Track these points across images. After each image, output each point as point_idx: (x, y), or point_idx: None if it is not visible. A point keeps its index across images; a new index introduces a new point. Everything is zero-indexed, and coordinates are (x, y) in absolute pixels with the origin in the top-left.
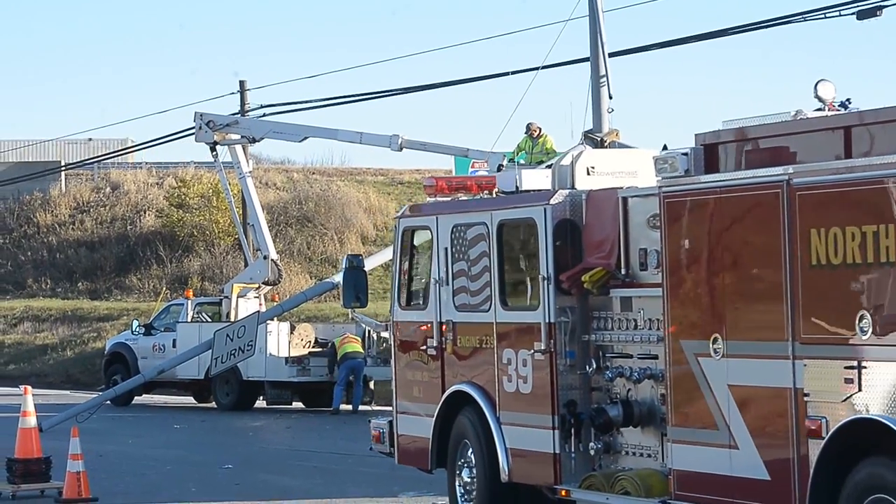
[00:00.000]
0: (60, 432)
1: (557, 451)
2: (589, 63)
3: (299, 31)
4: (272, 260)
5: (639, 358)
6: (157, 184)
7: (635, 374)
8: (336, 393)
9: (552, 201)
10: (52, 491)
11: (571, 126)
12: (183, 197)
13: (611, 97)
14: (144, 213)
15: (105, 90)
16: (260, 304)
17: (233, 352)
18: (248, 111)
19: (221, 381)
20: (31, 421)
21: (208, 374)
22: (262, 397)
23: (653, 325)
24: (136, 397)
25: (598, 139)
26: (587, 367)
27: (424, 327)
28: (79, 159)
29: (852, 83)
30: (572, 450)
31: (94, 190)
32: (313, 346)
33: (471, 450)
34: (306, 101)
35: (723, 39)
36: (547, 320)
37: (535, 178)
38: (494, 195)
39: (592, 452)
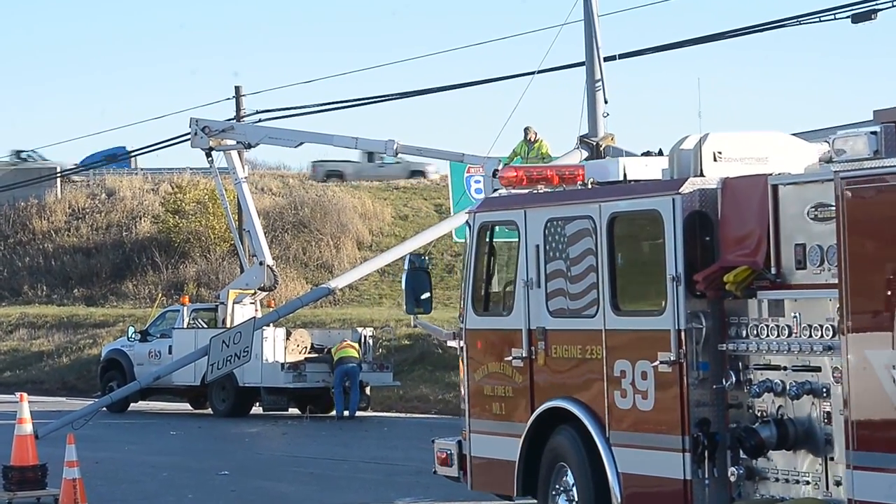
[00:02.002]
0: (56, 439)
1: (688, 477)
2: (584, 67)
3: (297, 33)
4: (268, 266)
5: (794, 370)
6: (153, 190)
7: (791, 388)
8: (336, 399)
9: (682, 190)
10: (48, 498)
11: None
12: (179, 203)
13: (606, 101)
14: (140, 219)
15: (104, 93)
16: (256, 310)
17: (229, 358)
18: (243, 117)
19: (218, 387)
20: (27, 428)
21: (204, 380)
22: (258, 403)
23: (814, 333)
24: (132, 404)
25: (594, 143)
26: (724, 380)
27: (508, 335)
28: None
29: (847, 85)
30: (706, 475)
31: (89, 196)
32: (309, 352)
33: (569, 474)
34: (302, 107)
35: (719, 43)
36: (676, 327)
37: (642, 167)
38: (590, 185)
39: (733, 478)
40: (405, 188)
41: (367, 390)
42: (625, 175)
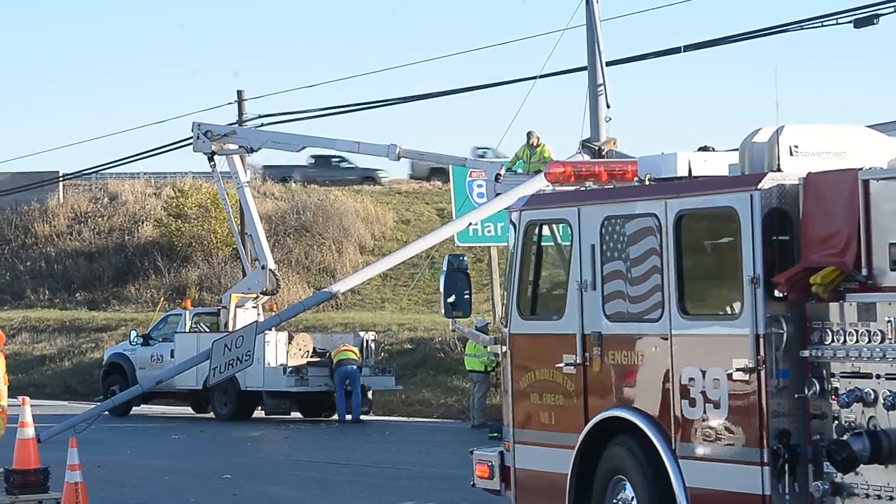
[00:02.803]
0: (58, 443)
1: (767, 493)
2: (586, 72)
3: (298, 37)
4: (270, 270)
5: (888, 378)
6: (155, 194)
7: (887, 399)
8: (338, 403)
9: (761, 186)
10: (50, 502)
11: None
12: (181, 207)
13: (608, 106)
14: (142, 223)
15: (105, 96)
16: (258, 314)
17: (231, 362)
18: (245, 121)
19: (220, 391)
20: (30, 432)
21: (206, 384)
22: (260, 407)
23: None
24: (134, 408)
25: (596, 147)
26: (806, 389)
27: (559, 340)
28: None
29: (850, 90)
30: (786, 490)
31: (91, 200)
32: (311, 356)
33: (628, 488)
34: (304, 111)
35: (721, 48)
36: (755, 332)
37: (702, 162)
38: (647, 182)
39: (816, 494)
40: (407, 192)
41: (370, 394)
42: (690, 171)
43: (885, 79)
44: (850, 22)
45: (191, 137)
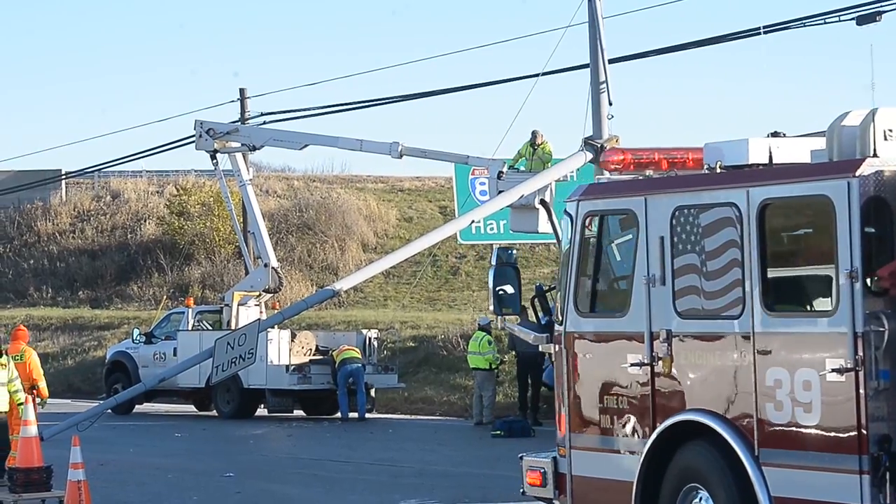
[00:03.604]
0: (61, 441)
1: (866, 503)
2: (589, 69)
3: (299, 36)
4: (273, 268)
5: None
6: (158, 192)
7: None
8: (340, 401)
9: (860, 172)
10: (53, 500)
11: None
12: (183, 205)
13: (611, 103)
14: (145, 221)
15: (106, 95)
16: (261, 312)
17: (234, 360)
18: (248, 119)
19: (222, 389)
20: (32, 430)
21: (209, 382)
22: (263, 405)
23: None
24: (137, 406)
25: (598, 145)
26: None
27: (623, 339)
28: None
29: (851, 88)
30: (888, 501)
31: (94, 198)
32: (314, 354)
33: (704, 497)
34: (306, 109)
35: (723, 45)
36: (853, 330)
37: (774, 148)
38: (717, 170)
39: None
40: (410, 190)
41: (372, 392)
42: (770, 157)
43: (887, 76)
44: (852, 19)
45: (193, 135)
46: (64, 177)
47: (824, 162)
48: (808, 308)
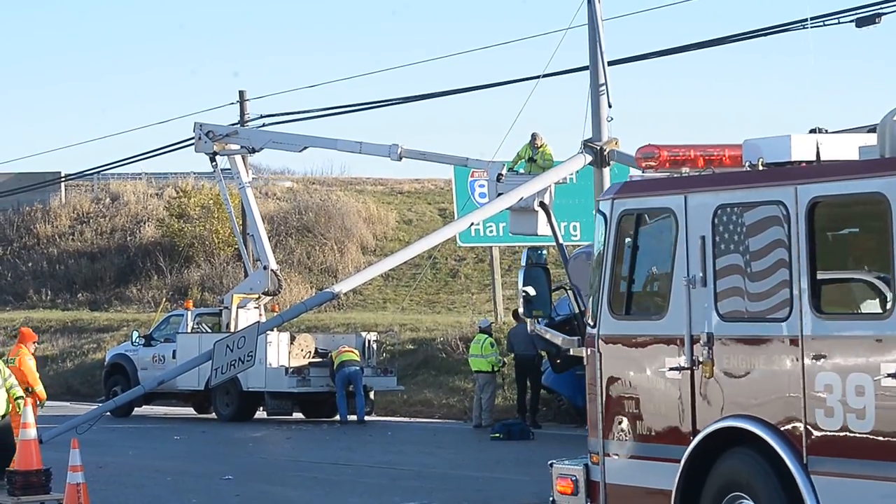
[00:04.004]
0: (60, 444)
1: None
2: (588, 72)
3: (298, 36)
4: (272, 270)
5: None
6: (157, 194)
7: None
8: (339, 403)
9: None
10: (52, 503)
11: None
12: (183, 207)
13: (610, 105)
14: (144, 223)
15: (105, 96)
16: (260, 315)
17: (233, 362)
18: (247, 121)
19: (221, 391)
20: (31, 433)
21: (208, 384)
22: (262, 408)
23: None
24: (136, 408)
25: (598, 148)
26: None
27: (661, 343)
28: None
29: (851, 90)
30: None
31: (93, 201)
32: (313, 357)
33: None
34: (306, 111)
35: (723, 47)
36: None
37: (823, 145)
38: (759, 167)
39: None
40: (409, 192)
41: (371, 395)
42: (818, 154)
43: (886, 78)
44: (851, 21)
45: (192, 138)
46: (63, 179)
47: (878, 158)
48: (861, 310)
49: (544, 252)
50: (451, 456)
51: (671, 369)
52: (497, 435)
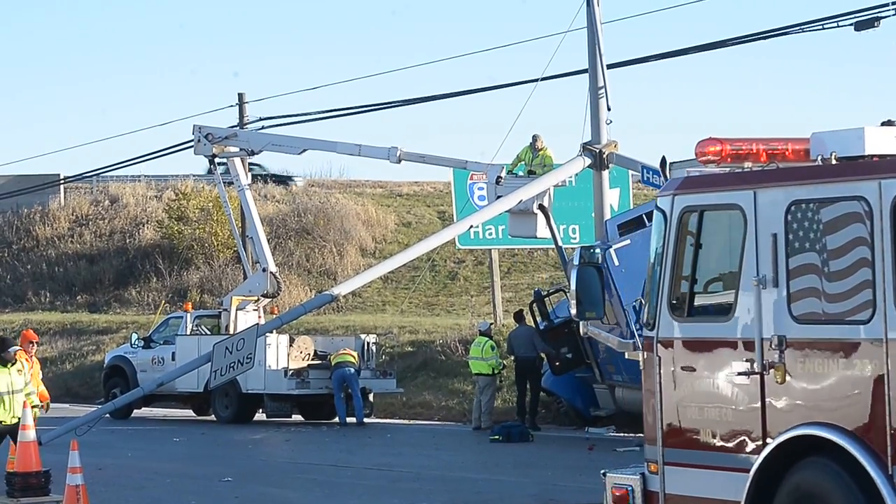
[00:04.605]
0: (60, 445)
1: None
2: (587, 74)
3: (298, 38)
4: (271, 272)
5: None
6: (156, 196)
7: None
8: (337, 405)
9: None
10: None
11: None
12: (182, 209)
13: (609, 108)
14: (143, 226)
15: (104, 98)
16: (259, 317)
17: (232, 364)
18: (246, 124)
19: (221, 393)
20: (31, 434)
21: (207, 386)
22: (261, 410)
23: None
24: (135, 410)
25: (597, 150)
26: None
27: (728, 346)
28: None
29: (850, 94)
30: None
31: (93, 203)
32: (312, 359)
33: None
34: (305, 114)
35: (722, 50)
36: None
37: (892, 138)
38: (832, 161)
39: None
40: (408, 195)
41: (371, 397)
42: None
43: (886, 81)
44: (850, 25)
45: (192, 140)
46: (62, 181)
47: None
48: None
49: (597, 251)
50: (450, 458)
51: (739, 374)
52: (496, 437)
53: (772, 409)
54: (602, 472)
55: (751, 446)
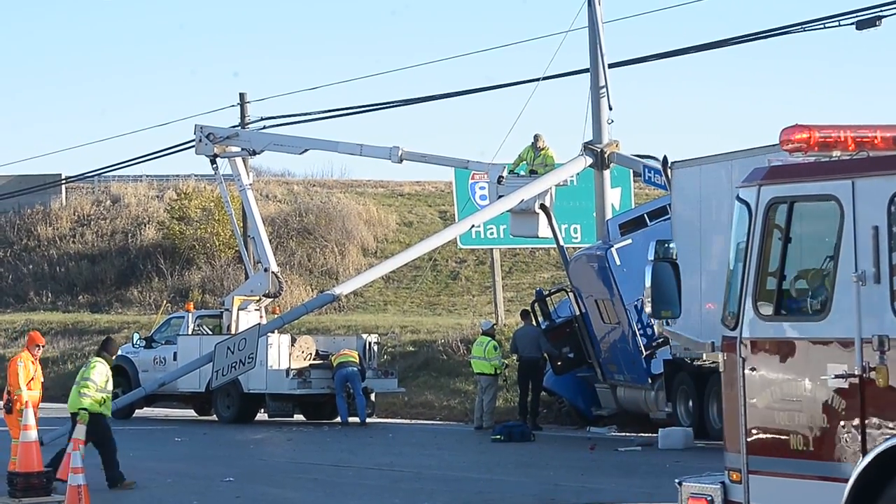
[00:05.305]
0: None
1: None
2: (588, 74)
3: (298, 38)
4: (273, 272)
5: None
6: (158, 196)
7: None
8: (339, 405)
9: None
10: None
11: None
12: (184, 210)
13: (611, 108)
14: (145, 225)
15: (106, 98)
16: (261, 317)
17: (234, 364)
18: (248, 124)
19: (222, 393)
20: (33, 434)
21: (209, 386)
22: (263, 410)
23: None
24: (137, 410)
25: (598, 150)
26: None
27: (823, 347)
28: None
29: (851, 93)
30: None
31: (94, 203)
32: (314, 359)
33: None
34: (306, 114)
35: (723, 50)
36: None
37: None
38: None
39: None
40: (409, 195)
41: (372, 397)
42: None
43: (887, 81)
44: (852, 24)
45: (193, 140)
46: (64, 181)
47: None
48: None
49: (672, 246)
50: (451, 458)
51: (836, 377)
52: (498, 437)
53: (873, 415)
54: (677, 480)
55: (847, 455)
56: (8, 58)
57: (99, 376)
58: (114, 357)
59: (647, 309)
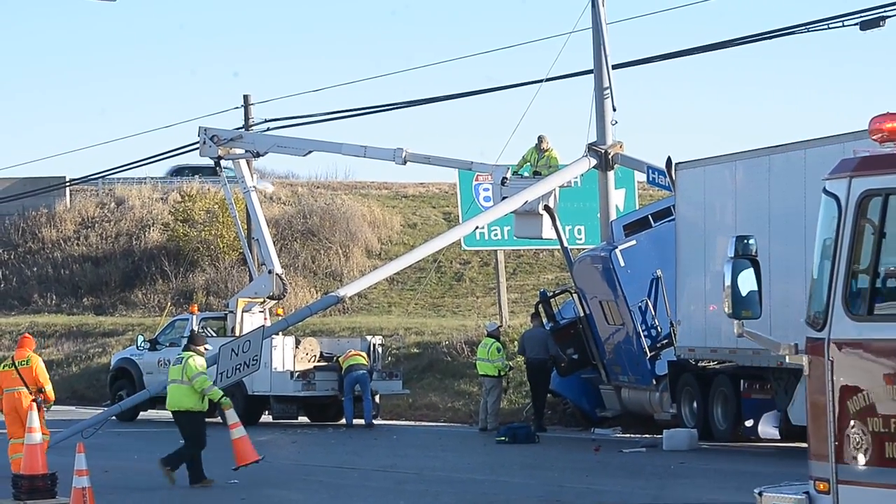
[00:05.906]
0: (66, 448)
1: None
2: (592, 75)
3: (300, 39)
4: (277, 274)
5: None
6: (162, 199)
7: None
8: (346, 407)
9: None
10: None
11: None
12: (188, 212)
13: (614, 109)
14: (149, 228)
15: (109, 100)
16: (265, 319)
17: (238, 366)
18: (252, 125)
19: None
20: (37, 437)
21: None
22: (267, 412)
23: None
24: (141, 412)
25: (602, 151)
26: None
27: None
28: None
29: (855, 93)
30: None
31: (99, 205)
32: (318, 361)
33: None
34: (310, 116)
35: (727, 51)
36: None
37: None
38: None
39: None
40: (413, 196)
41: (377, 398)
42: None
43: (892, 81)
44: (856, 24)
45: (197, 142)
46: (68, 184)
47: None
48: None
49: (752, 242)
50: (456, 459)
51: None
52: (502, 438)
53: None
54: (756, 490)
55: None
56: (11, 60)
57: (202, 366)
58: (203, 348)
59: (726, 308)
